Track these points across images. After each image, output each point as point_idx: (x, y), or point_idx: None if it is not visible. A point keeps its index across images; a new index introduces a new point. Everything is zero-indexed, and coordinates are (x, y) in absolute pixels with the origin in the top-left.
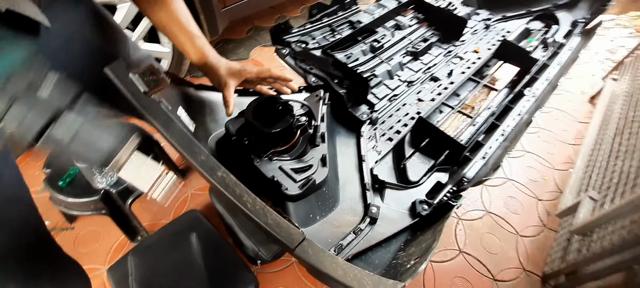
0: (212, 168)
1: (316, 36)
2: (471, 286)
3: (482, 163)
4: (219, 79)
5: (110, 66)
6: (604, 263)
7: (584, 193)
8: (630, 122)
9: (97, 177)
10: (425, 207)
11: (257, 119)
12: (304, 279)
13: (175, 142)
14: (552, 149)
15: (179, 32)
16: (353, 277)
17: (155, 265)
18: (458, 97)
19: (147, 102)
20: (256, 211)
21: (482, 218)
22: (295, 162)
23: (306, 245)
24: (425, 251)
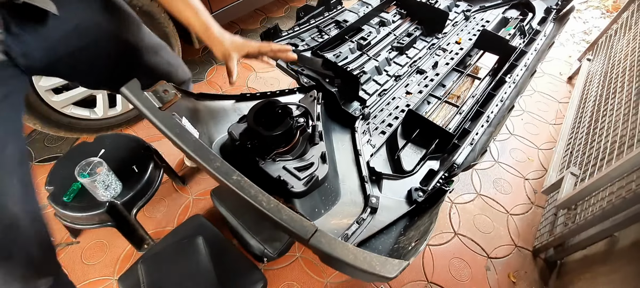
0: (227, 173)
1: (305, 38)
2: (467, 265)
3: (470, 149)
4: (223, 50)
5: (126, 86)
6: (587, 233)
7: (566, 170)
8: (605, 100)
9: (100, 191)
10: (420, 194)
11: (258, 124)
12: (309, 272)
13: (192, 152)
14: (535, 130)
15: (184, 7)
16: (363, 260)
17: (165, 270)
18: (444, 88)
19: (162, 116)
20: (271, 209)
21: (474, 201)
22: (297, 161)
23: (319, 235)
24: (423, 233)
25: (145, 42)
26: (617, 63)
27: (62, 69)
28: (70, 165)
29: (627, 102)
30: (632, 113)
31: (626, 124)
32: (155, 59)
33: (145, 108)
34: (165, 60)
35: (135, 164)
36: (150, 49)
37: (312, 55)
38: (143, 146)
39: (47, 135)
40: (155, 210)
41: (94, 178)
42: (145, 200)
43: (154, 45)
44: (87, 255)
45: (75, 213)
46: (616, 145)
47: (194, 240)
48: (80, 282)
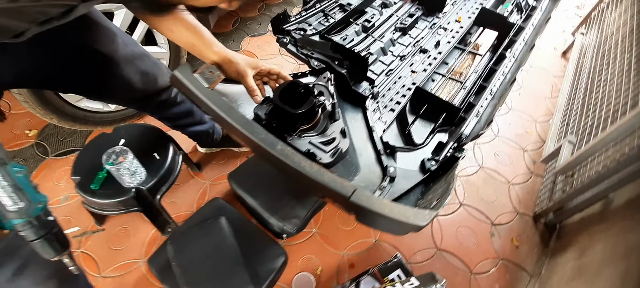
0: (272, 143)
1: (312, 22)
2: (473, 232)
3: (476, 121)
4: (237, 68)
5: (178, 69)
6: (584, 196)
7: (563, 139)
8: (599, 72)
9: (126, 178)
10: (433, 163)
11: (286, 102)
12: (326, 246)
13: (239, 125)
14: (532, 104)
15: (195, 40)
16: (398, 212)
17: (193, 248)
18: (447, 65)
19: (210, 94)
20: (314, 173)
21: (477, 173)
22: (320, 136)
23: (358, 193)
24: (444, 192)
25: (119, 53)
26: (609, 36)
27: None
28: (92, 155)
29: (619, 72)
30: (624, 82)
31: (619, 92)
32: (130, 69)
33: (197, 89)
34: (142, 69)
35: (156, 151)
36: (124, 59)
37: (321, 39)
38: (161, 134)
39: (60, 130)
40: (174, 196)
41: (120, 166)
42: (168, 185)
43: (128, 55)
44: (113, 241)
45: (103, 200)
46: (610, 112)
47: (217, 220)
48: (110, 266)
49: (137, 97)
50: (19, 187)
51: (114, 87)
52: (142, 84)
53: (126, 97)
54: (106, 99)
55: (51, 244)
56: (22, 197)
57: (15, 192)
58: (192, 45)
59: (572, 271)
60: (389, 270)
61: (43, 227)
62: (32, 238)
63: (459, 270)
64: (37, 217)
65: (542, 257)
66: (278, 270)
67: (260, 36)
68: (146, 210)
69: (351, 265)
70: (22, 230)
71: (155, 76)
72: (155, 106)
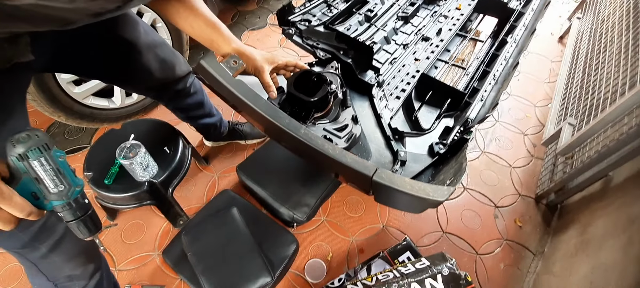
0: (296, 127)
1: (316, 13)
2: (477, 215)
3: (481, 105)
4: (255, 65)
5: (204, 58)
6: (585, 176)
7: (563, 121)
8: (596, 54)
9: (139, 172)
10: (441, 146)
11: (299, 91)
12: (335, 233)
13: (263, 111)
14: (531, 89)
15: (214, 36)
16: (418, 189)
17: (207, 239)
18: (449, 52)
19: (235, 82)
20: (337, 154)
21: (480, 158)
22: (333, 123)
23: (380, 172)
24: (456, 172)
25: (142, 40)
26: (606, 18)
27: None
28: (103, 151)
29: (617, 54)
30: (622, 63)
31: (617, 73)
32: (151, 56)
33: (222, 77)
34: (161, 57)
35: (166, 145)
36: (146, 46)
37: (326, 30)
38: (171, 128)
39: (66, 128)
40: (184, 190)
41: (133, 160)
42: (179, 178)
43: (150, 43)
44: (126, 235)
45: (117, 195)
46: (609, 93)
47: (229, 211)
48: (125, 260)
49: (155, 85)
50: (60, 171)
51: (136, 74)
52: (161, 71)
53: (145, 84)
54: (126, 86)
55: (86, 225)
56: (63, 180)
57: (57, 176)
58: (211, 41)
59: (575, 247)
60: (399, 252)
61: (80, 208)
62: (69, 219)
63: (465, 252)
64: (75, 199)
65: (545, 236)
66: (290, 257)
67: (259, 29)
68: (159, 204)
69: (361, 250)
70: (61, 212)
71: (173, 64)
72: (171, 95)
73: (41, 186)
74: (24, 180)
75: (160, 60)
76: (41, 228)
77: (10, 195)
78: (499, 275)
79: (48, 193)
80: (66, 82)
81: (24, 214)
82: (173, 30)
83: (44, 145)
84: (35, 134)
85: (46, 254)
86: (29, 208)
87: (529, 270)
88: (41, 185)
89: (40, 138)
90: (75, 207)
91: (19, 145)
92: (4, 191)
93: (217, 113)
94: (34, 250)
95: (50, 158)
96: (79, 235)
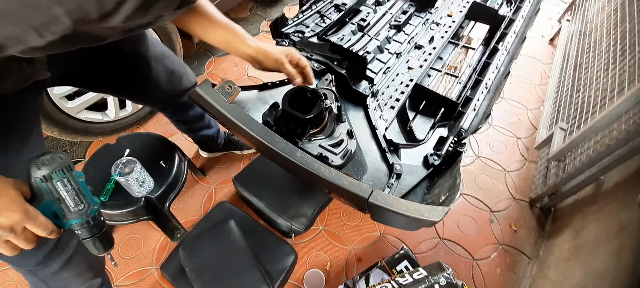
0: (292, 151)
1: (309, 24)
2: (473, 220)
3: (474, 115)
4: (275, 58)
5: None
6: (577, 180)
7: (555, 126)
8: (585, 57)
9: (135, 187)
10: (435, 158)
11: (294, 108)
12: (333, 242)
13: (260, 136)
14: (523, 92)
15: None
16: (414, 210)
17: (205, 253)
18: (442, 60)
19: (231, 108)
20: (333, 177)
21: (474, 163)
22: (328, 139)
23: (376, 194)
24: (451, 187)
25: (150, 52)
26: (592, 20)
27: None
28: (98, 167)
29: (606, 56)
30: (611, 67)
31: (606, 77)
32: (159, 67)
33: (218, 104)
34: (170, 69)
35: (161, 160)
36: (155, 58)
37: (319, 40)
38: (166, 142)
39: (59, 142)
40: (181, 202)
41: (129, 177)
42: (176, 192)
43: (158, 54)
44: (123, 250)
45: (114, 211)
46: (598, 98)
47: (226, 224)
48: (123, 275)
49: (162, 97)
50: (81, 191)
51: (145, 86)
52: (169, 83)
53: (154, 96)
54: (134, 98)
55: (102, 242)
56: (83, 199)
57: (77, 196)
58: (227, 42)
59: (569, 252)
60: (397, 261)
61: (96, 226)
62: (86, 236)
63: (462, 258)
64: (93, 217)
65: (540, 240)
66: (289, 268)
67: (253, 36)
68: (156, 218)
69: (359, 259)
70: (79, 229)
71: (180, 76)
72: (176, 107)
73: (63, 205)
74: (46, 200)
75: (169, 72)
76: (55, 246)
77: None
78: (496, 280)
79: (68, 212)
80: (59, 97)
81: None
82: (167, 42)
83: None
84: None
85: (58, 271)
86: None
87: (525, 275)
88: (63, 204)
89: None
90: (92, 225)
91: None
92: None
93: (215, 124)
94: (46, 267)
95: (72, 179)
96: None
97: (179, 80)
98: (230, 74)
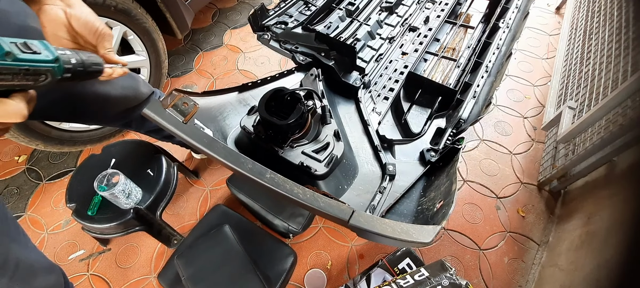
0: (260, 173)
1: (293, 13)
2: (479, 208)
3: (473, 103)
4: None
5: (149, 107)
6: (588, 162)
7: (563, 105)
8: (596, 27)
9: (122, 200)
10: (432, 154)
11: (271, 114)
12: (333, 239)
13: (223, 159)
14: (528, 67)
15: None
16: (400, 231)
17: (200, 261)
18: (438, 42)
19: (187, 129)
20: (308, 199)
21: (478, 147)
22: (313, 144)
23: (356, 216)
24: (447, 194)
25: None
26: None
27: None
28: (85, 179)
29: (618, 27)
30: (624, 38)
31: (619, 50)
32: (107, 87)
33: (171, 125)
34: (118, 85)
35: (149, 168)
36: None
37: (304, 31)
38: (152, 148)
39: (50, 152)
40: (176, 207)
41: (114, 190)
42: (167, 200)
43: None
44: (121, 259)
45: (103, 225)
46: (611, 73)
47: (221, 229)
48: (122, 285)
49: (118, 114)
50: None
51: (96, 106)
52: (122, 98)
53: (107, 115)
54: (87, 121)
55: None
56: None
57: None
58: None
59: (580, 239)
60: (398, 260)
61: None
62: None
63: (468, 248)
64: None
65: (549, 225)
66: (288, 270)
67: (242, 27)
68: (149, 228)
69: (361, 256)
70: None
71: (134, 88)
72: (138, 120)
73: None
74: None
75: (120, 87)
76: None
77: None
78: (504, 270)
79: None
80: None
81: None
82: (148, 41)
83: None
84: None
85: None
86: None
87: (534, 262)
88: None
89: None
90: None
91: None
92: None
93: None
94: None
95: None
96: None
97: (133, 93)
98: (220, 69)
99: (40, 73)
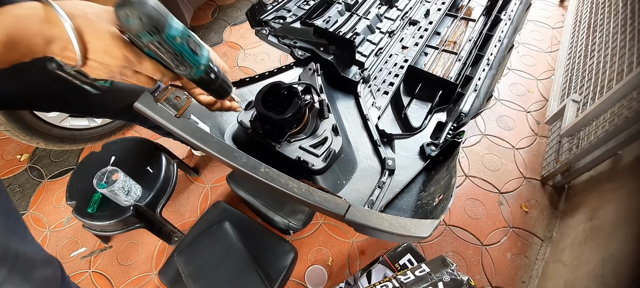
0: (255, 167)
1: (291, 8)
2: (481, 203)
3: (474, 96)
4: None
5: (140, 100)
6: (592, 155)
7: (567, 98)
8: (600, 19)
9: (122, 197)
10: (432, 148)
11: (268, 108)
12: (334, 235)
13: (216, 153)
14: (531, 61)
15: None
16: (397, 225)
17: (201, 258)
18: (439, 36)
19: (180, 123)
20: (303, 193)
21: (480, 142)
22: (310, 138)
23: (353, 210)
24: (446, 188)
25: None
26: None
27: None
28: (85, 177)
29: (623, 19)
30: (629, 30)
31: (624, 42)
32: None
33: (163, 119)
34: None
35: (148, 165)
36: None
37: (302, 25)
38: (152, 145)
39: (51, 151)
40: (176, 204)
41: (113, 187)
42: (167, 197)
43: None
44: (122, 257)
45: (103, 222)
46: (615, 65)
47: (221, 226)
48: (123, 282)
49: (124, 108)
50: (177, 54)
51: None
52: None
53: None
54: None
55: (218, 93)
56: (184, 62)
57: (176, 58)
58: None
59: (584, 234)
60: (399, 255)
61: (204, 83)
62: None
63: (470, 244)
64: (199, 78)
65: (553, 220)
66: (289, 267)
67: (242, 24)
68: (149, 225)
69: (362, 252)
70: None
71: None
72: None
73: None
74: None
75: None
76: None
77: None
78: (507, 266)
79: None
80: None
81: (157, 77)
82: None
83: (153, 28)
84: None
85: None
86: (161, 71)
87: (537, 258)
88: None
89: (150, 19)
90: (202, 81)
91: (129, 23)
92: (130, 59)
93: None
94: None
95: (164, 42)
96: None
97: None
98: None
99: (185, 64)
